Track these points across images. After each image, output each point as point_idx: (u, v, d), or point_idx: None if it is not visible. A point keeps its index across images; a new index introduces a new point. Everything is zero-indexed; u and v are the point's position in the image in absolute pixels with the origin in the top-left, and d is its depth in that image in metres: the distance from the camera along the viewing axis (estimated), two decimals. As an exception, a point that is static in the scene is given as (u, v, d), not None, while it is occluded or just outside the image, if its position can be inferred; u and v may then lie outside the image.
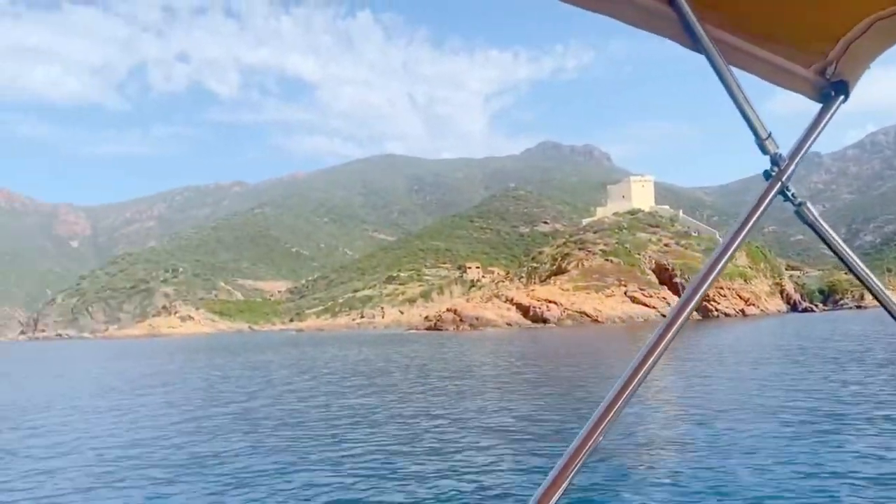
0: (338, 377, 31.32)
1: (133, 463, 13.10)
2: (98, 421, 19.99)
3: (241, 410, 20.43)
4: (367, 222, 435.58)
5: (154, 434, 16.65)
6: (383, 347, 59.61)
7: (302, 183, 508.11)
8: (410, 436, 14.28)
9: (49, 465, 13.40)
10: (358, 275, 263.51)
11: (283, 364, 43.28)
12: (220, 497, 10.31)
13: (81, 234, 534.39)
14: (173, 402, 23.95)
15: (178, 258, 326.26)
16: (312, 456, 12.79)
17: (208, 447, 14.33)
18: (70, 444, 15.76)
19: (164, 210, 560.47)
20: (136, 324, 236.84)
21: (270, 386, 28.49)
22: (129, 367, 48.76)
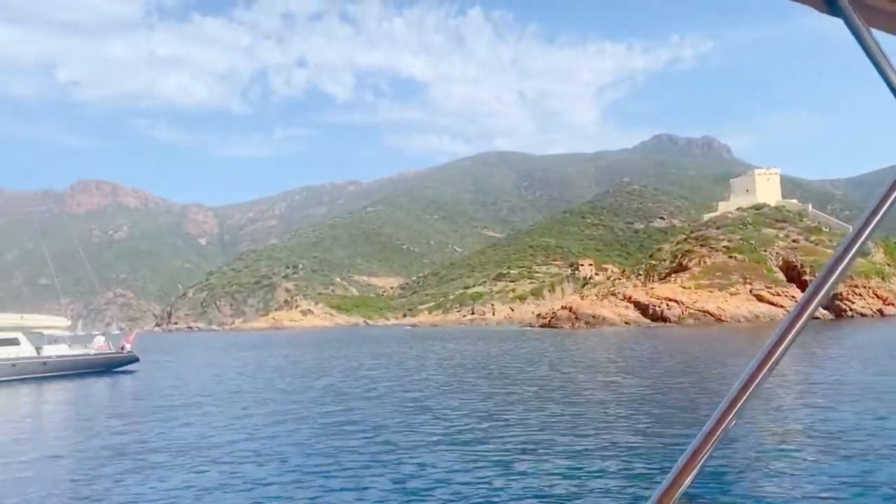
0: (470, 371, 31.60)
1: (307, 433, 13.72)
2: (282, 401, 21.07)
3: (393, 399, 20.98)
4: (477, 219, 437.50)
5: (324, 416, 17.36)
6: (505, 344, 59.64)
7: (413, 181, 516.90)
8: (540, 429, 14.22)
9: (227, 441, 14.27)
10: (468, 271, 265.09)
11: (423, 357, 44.16)
12: (358, 478, 10.63)
13: (209, 233, 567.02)
14: (343, 387, 24.90)
15: (298, 255, 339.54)
16: (441, 449, 12.93)
17: (371, 433, 14.80)
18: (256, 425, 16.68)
19: (283, 209, 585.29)
20: (260, 317, 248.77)
21: (415, 377, 29.13)
22: (290, 355, 51.24)
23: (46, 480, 11.94)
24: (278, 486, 10.55)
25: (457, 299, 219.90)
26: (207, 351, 70.79)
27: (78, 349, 39.49)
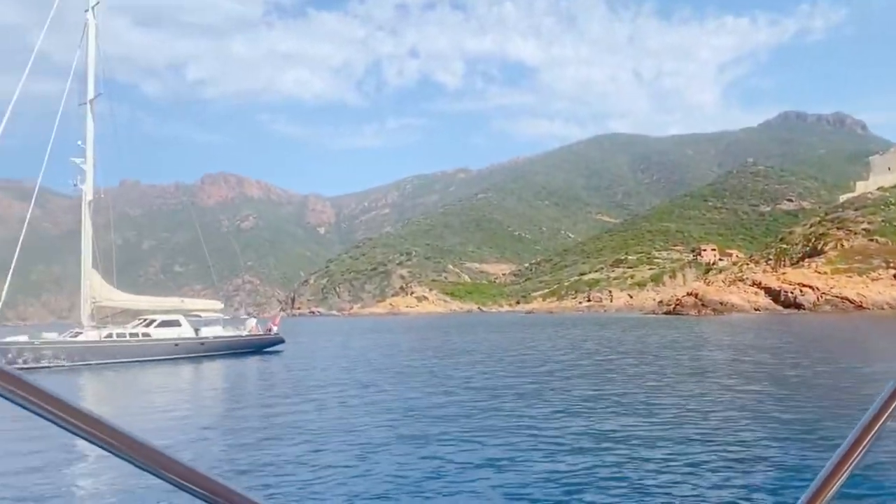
0: (618, 356, 31.45)
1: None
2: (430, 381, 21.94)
3: (539, 381, 21.29)
4: (591, 204, 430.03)
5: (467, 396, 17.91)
6: (636, 330, 58.66)
7: (524, 167, 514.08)
8: (680, 421, 13.92)
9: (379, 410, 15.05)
10: (583, 258, 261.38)
11: (550, 340, 44.37)
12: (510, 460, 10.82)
13: (327, 222, 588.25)
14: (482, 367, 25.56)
15: (411, 242, 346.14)
16: (579, 433, 12.93)
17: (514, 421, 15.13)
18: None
19: (396, 198, 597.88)
20: (377, 303, 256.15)
21: (550, 361, 29.37)
22: (423, 338, 53.00)
23: (205, 448, 12.87)
24: (421, 464, 10.82)
25: (572, 286, 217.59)
26: (340, 334, 73.88)
27: (231, 330, 42.33)
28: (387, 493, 9.11)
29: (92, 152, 39.24)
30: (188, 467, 0.72)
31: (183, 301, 42.19)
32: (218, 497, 0.73)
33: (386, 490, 9.26)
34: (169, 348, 37.91)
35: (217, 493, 0.72)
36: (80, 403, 0.68)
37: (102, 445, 0.65)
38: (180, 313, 40.15)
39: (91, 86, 39.78)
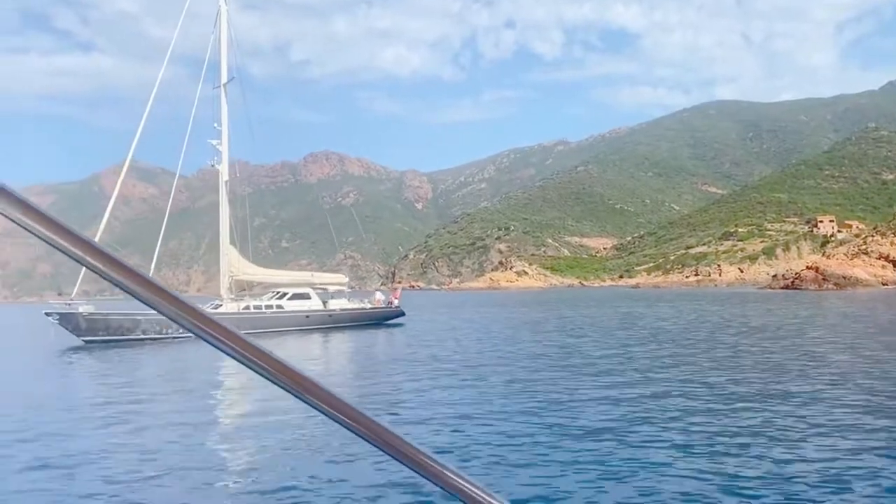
0: (751, 334, 30.65)
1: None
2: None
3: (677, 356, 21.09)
4: (696, 175, 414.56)
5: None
6: (761, 305, 56.69)
7: (625, 138, 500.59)
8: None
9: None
10: (689, 231, 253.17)
11: (676, 317, 43.66)
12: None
13: (424, 197, 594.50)
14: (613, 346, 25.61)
15: (509, 217, 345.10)
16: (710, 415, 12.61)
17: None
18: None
19: (493, 172, 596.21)
20: (476, 278, 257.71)
21: (685, 338, 28.99)
22: (531, 312, 53.46)
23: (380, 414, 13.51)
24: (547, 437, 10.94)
25: (678, 260, 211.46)
26: (451, 307, 75.20)
27: (356, 303, 44.01)
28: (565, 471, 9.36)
29: (227, 134, 41.33)
30: (415, 447, 0.71)
31: (313, 275, 44.21)
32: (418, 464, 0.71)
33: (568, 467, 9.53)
34: (300, 320, 39.85)
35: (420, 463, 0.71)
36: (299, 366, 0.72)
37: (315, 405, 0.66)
38: (309, 287, 42.04)
39: (224, 70, 41.78)
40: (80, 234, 0.68)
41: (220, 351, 0.63)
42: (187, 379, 21.71)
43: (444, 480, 0.79)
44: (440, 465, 0.79)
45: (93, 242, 0.68)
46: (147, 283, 0.70)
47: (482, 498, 0.80)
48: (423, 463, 0.80)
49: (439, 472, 0.79)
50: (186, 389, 18.53)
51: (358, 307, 43.35)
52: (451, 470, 0.79)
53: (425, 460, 0.80)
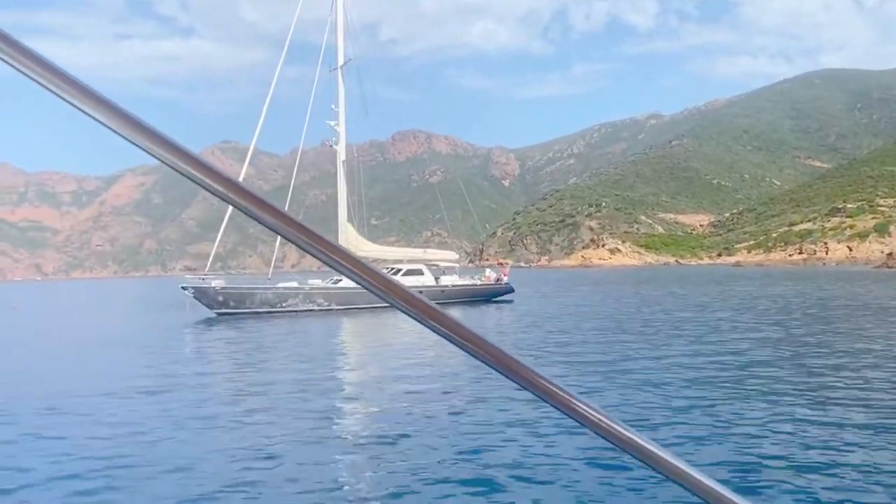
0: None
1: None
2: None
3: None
4: (799, 148, 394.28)
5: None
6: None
7: (722, 110, 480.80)
8: None
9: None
10: (792, 206, 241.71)
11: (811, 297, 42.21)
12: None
13: (512, 174, 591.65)
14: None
15: (600, 193, 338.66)
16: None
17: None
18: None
19: (582, 147, 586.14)
20: (566, 255, 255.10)
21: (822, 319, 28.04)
22: (634, 291, 52.90)
23: (456, 383, 13.66)
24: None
25: (780, 237, 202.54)
26: (550, 284, 75.12)
27: (466, 279, 44.67)
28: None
29: (344, 115, 42.47)
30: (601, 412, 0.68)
31: (425, 252, 45.13)
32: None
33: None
34: (414, 295, 40.78)
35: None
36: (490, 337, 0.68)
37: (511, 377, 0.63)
38: (422, 263, 42.93)
39: (341, 52, 42.87)
40: (280, 207, 0.69)
41: (410, 318, 0.73)
42: (314, 348, 22.80)
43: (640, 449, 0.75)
44: (631, 433, 0.75)
45: (291, 216, 0.69)
46: (346, 257, 0.69)
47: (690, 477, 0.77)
48: (606, 426, 0.78)
49: (630, 439, 0.75)
50: (314, 358, 19.51)
51: (469, 283, 44.00)
52: (643, 439, 0.76)
53: (616, 429, 0.78)
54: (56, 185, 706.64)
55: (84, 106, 0.69)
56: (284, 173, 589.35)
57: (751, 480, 7.44)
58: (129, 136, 0.67)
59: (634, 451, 0.76)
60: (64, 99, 0.62)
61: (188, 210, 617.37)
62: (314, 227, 0.69)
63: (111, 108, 0.67)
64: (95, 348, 23.95)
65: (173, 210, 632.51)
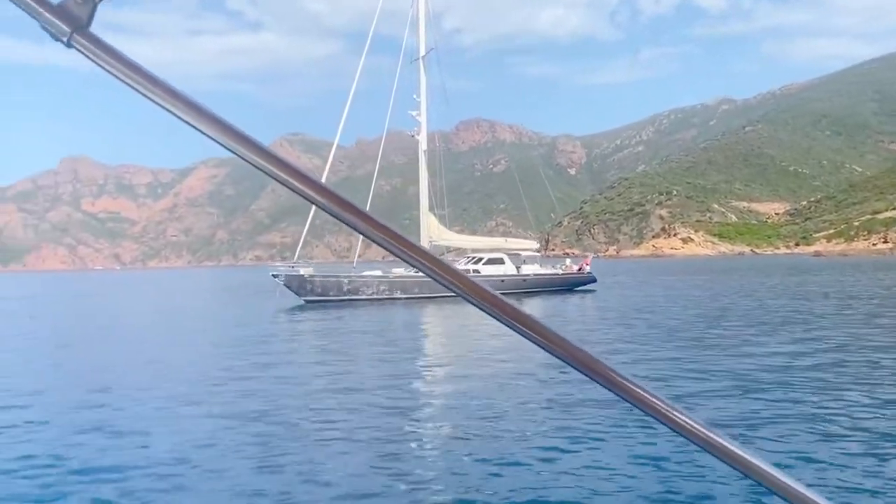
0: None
1: None
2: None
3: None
4: (882, 133, 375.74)
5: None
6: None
7: (798, 94, 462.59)
8: None
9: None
10: (875, 194, 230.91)
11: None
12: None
13: (578, 162, 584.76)
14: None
15: (670, 181, 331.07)
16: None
17: None
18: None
19: (651, 134, 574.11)
20: (635, 245, 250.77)
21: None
22: (728, 280, 51.74)
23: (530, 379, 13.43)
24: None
25: (863, 226, 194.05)
26: (627, 274, 73.99)
27: (547, 269, 44.41)
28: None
29: (425, 105, 42.71)
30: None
31: (507, 241, 45.07)
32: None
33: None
34: (496, 284, 40.62)
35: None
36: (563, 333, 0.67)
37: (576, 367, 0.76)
38: (503, 252, 42.87)
39: (422, 43, 43.09)
40: (350, 200, 0.71)
41: (477, 309, 0.74)
42: (403, 336, 23.12)
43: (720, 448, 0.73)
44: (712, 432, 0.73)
45: (358, 206, 0.72)
46: (414, 248, 0.71)
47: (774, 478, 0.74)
48: (682, 423, 0.76)
49: (715, 441, 0.73)
50: (404, 347, 19.80)
51: (551, 272, 43.73)
52: (736, 445, 0.74)
53: (695, 427, 0.76)
54: (133, 178, 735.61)
55: (165, 103, 0.71)
56: (350, 164, 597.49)
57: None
58: (210, 133, 0.70)
59: (712, 450, 0.74)
60: (150, 98, 0.64)
61: (258, 201, 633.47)
62: (380, 217, 0.71)
63: (191, 105, 0.70)
64: (211, 334, 24.89)
65: (244, 201, 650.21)
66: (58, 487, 7.24)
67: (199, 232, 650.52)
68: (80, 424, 10.01)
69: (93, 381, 13.99)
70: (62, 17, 0.65)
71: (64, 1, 0.69)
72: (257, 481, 7.39)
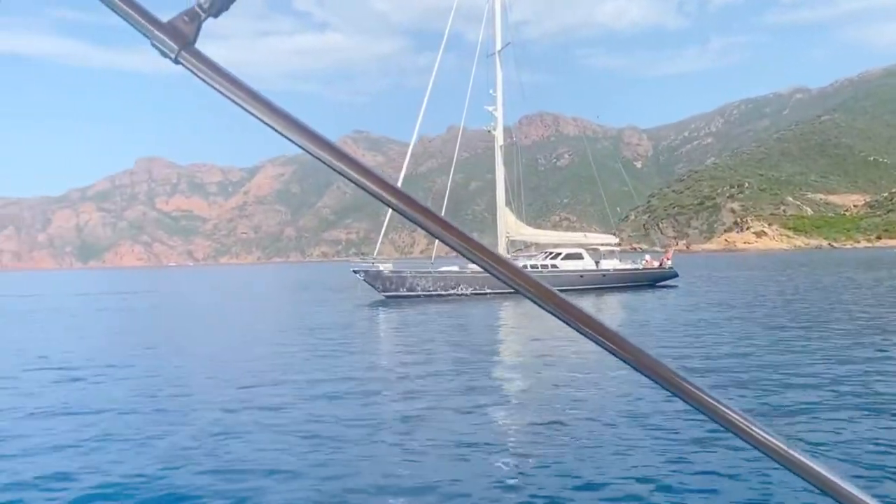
0: None
1: None
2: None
3: None
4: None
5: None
6: None
7: (878, 80, 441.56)
8: None
9: None
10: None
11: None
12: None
13: (644, 155, 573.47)
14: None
15: (742, 173, 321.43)
16: None
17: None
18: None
19: (720, 125, 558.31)
20: (706, 239, 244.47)
21: None
22: (820, 275, 50.06)
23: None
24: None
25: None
26: (705, 269, 72.18)
27: (628, 263, 43.71)
28: None
29: (501, 100, 42.58)
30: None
31: (585, 235, 44.60)
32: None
33: None
34: (574, 279, 40.30)
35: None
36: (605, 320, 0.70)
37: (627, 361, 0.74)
38: (581, 247, 42.42)
39: (499, 37, 42.96)
40: (410, 194, 0.75)
41: (539, 307, 0.73)
42: (485, 333, 23.12)
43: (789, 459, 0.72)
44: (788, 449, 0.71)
45: (420, 201, 0.75)
46: (479, 247, 0.74)
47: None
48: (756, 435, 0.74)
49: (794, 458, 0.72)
50: (486, 343, 19.74)
51: (631, 267, 43.02)
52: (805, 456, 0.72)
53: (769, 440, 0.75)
54: (204, 177, 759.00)
55: (265, 118, 0.73)
56: (413, 160, 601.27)
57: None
58: (309, 149, 0.73)
59: (781, 459, 0.72)
60: (251, 113, 0.65)
61: (323, 199, 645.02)
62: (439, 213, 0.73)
63: (290, 120, 0.70)
64: (303, 332, 25.44)
65: (310, 199, 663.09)
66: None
67: (268, 229, 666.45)
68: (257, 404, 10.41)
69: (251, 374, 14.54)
70: (171, 34, 0.75)
71: (173, 19, 0.72)
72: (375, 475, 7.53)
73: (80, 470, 7.84)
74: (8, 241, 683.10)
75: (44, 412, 10.93)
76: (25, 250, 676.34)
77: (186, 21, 0.75)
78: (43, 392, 12.77)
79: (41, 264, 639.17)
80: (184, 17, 0.75)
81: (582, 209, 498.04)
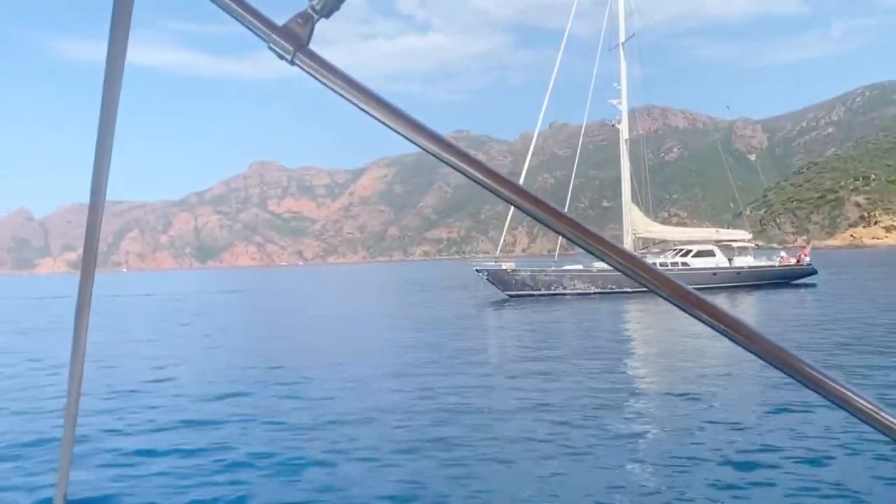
0: None
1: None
2: None
3: None
4: None
5: None
6: None
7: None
8: None
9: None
10: None
11: None
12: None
13: (758, 147, 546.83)
14: None
15: (867, 164, 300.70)
16: None
17: None
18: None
19: (842, 114, 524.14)
20: (829, 235, 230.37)
21: None
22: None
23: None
24: None
25: None
26: (835, 266, 67.91)
27: (762, 260, 41.61)
28: None
29: (626, 93, 41.48)
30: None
31: (718, 231, 42.92)
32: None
33: None
34: (707, 277, 38.63)
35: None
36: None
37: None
38: (714, 243, 40.70)
39: (622, 29, 41.88)
40: (546, 201, 0.74)
41: (670, 303, 0.72)
42: (614, 333, 22.45)
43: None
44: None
45: (542, 198, 0.74)
46: (612, 246, 0.73)
47: None
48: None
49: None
50: (613, 344, 19.08)
51: (767, 264, 40.94)
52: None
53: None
54: (313, 179, 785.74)
55: (381, 116, 0.77)
56: (514, 159, 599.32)
57: None
58: (428, 148, 0.75)
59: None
60: (366, 112, 0.85)
61: (425, 198, 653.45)
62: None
63: (406, 119, 0.85)
64: (433, 327, 25.64)
65: (412, 199, 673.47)
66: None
67: (372, 229, 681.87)
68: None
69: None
70: (286, 37, 0.78)
71: (288, 21, 0.83)
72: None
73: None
74: (133, 242, 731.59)
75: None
76: (149, 251, 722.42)
77: (300, 23, 0.79)
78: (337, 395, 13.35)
79: (163, 265, 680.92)
80: (298, 20, 0.78)
81: (693, 205, 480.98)
